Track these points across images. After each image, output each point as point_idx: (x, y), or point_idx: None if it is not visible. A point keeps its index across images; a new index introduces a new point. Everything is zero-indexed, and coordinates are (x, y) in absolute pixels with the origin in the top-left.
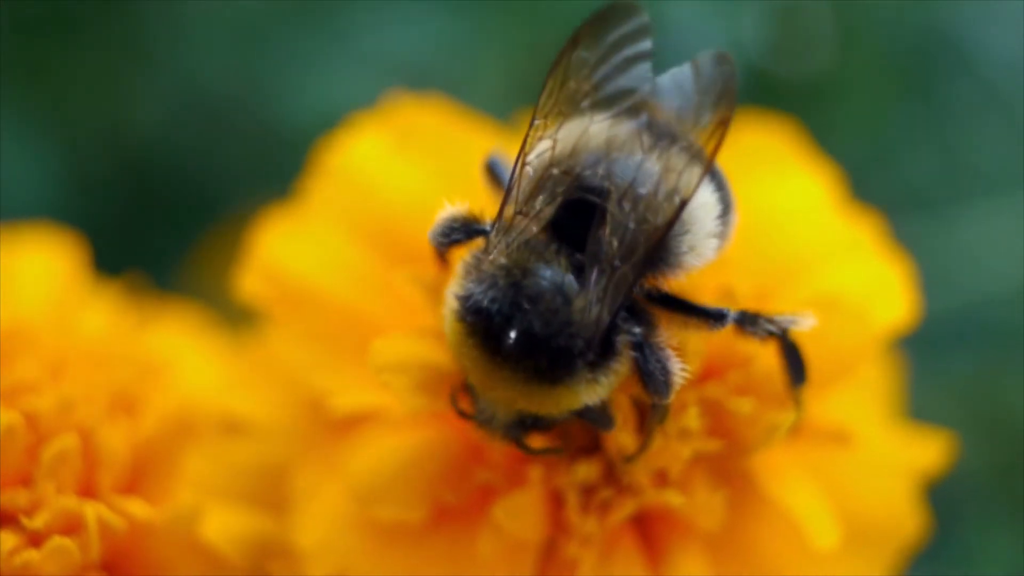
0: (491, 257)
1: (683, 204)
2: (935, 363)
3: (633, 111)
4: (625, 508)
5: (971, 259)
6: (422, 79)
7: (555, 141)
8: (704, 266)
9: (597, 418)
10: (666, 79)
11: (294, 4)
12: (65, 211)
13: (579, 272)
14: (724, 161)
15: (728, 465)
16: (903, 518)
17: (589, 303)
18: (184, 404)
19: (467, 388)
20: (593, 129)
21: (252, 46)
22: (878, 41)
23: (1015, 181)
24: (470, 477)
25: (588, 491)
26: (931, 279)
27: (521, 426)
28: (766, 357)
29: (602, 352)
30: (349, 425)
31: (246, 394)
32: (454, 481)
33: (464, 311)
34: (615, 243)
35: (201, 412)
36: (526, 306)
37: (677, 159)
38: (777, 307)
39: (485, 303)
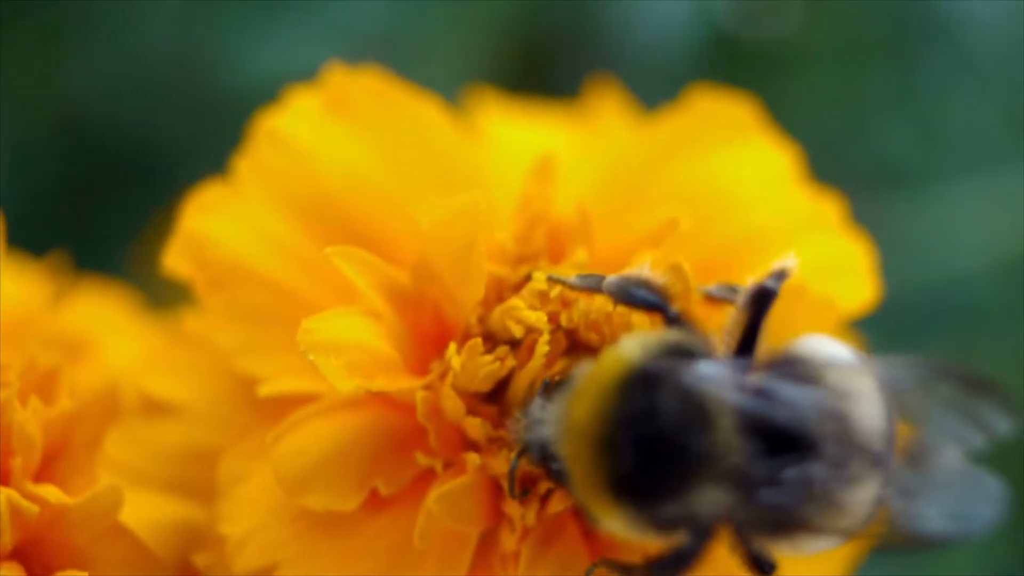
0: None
1: None
2: (908, 338)
3: None
4: (565, 500)
5: (945, 234)
6: (380, 49)
7: None
8: None
9: None
10: None
11: None
12: (9, 186)
13: None
14: (676, 129)
15: None
16: None
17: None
18: (105, 384)
19: None
20: None
21: (209, 13)
22: (849, 7)
23: (991, 154)
24: (407, 463)
25: (528, 482)
26: (905, 254)
27: None
28: None
29: None
30: (282, 407)
31: (171, 374)
32: (388, 468)
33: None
34: None
35: (124, 393)
36: None
37: None
38: (738, 279)
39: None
